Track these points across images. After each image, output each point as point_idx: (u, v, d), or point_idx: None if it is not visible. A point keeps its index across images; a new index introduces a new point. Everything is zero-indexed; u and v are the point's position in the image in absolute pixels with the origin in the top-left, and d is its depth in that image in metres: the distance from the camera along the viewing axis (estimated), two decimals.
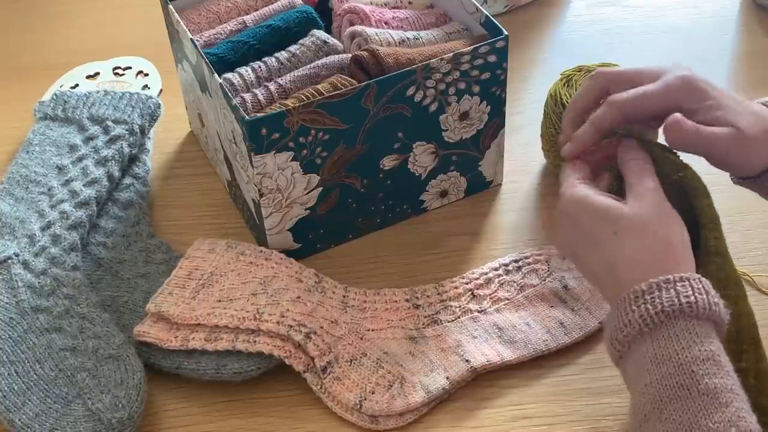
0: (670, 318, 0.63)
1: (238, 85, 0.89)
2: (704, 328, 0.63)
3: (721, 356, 0.62)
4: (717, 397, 0.60)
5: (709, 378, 0.60)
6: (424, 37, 0.95)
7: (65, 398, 0.78)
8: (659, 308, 0.63)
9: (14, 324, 0.83)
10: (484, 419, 0.79)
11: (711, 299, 0.64)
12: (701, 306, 0.63)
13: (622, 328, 0.64)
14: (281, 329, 0.81)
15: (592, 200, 0.69)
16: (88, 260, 0.92)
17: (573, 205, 0.70)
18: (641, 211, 0.67)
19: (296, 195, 0.89)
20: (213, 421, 0.80)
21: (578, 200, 0.70)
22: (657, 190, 0.69)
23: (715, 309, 0.64)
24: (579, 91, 0.77)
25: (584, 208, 0.69)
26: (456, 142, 0.94)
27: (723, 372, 0.61)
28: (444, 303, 0.86)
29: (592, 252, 0.69)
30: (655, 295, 0.64)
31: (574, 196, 0.70)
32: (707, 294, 0.64)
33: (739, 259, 0.90)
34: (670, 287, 0.64)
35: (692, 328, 0.63)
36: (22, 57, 1.21)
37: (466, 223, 0.96)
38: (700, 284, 0.64)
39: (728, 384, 0.61)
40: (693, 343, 0.62)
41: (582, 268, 0.72)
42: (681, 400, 0.60)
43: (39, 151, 1.00)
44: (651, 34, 1.20)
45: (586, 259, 0.70)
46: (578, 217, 0.69)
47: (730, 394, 0.60)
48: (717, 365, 0.61)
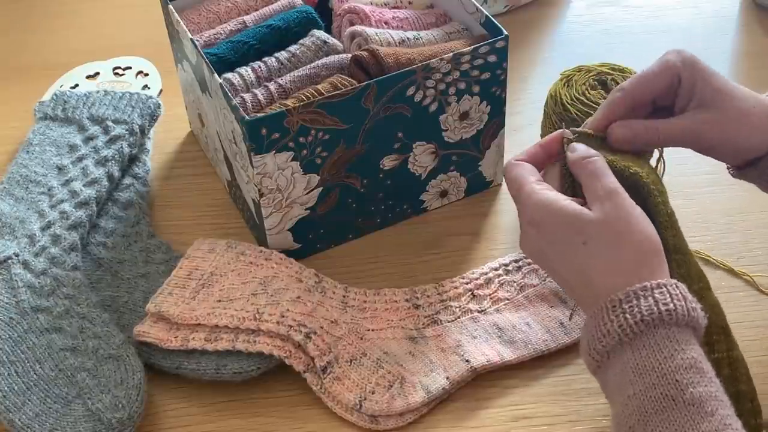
0: (650, 327, 0.62)
1: (238, 85, 0.89)
2: (684, 334, 0.62)
3: (702, 362, 0.61)
4: (702, 407, 0.59)
5: (694, 387, 0.60)
6: (424, 37, 0.95)
7: (65, 398, 0.78)
8: (638, 317, 0.62)
9: (14, 324, 0.83)
10: (484, 419, 0.79)
11: (689, 305, 0.63)
12: (680, 313, 0.62)
13: (600, 339, 0.63)
14: (281, 329, 0.81)
15: (558, 207, 0.67)
16: (88, 260, 0.92)
17: (538, 212, 0.68)
18: (608, 216, 0.65)
19: (296, 195, 0.89)
20: (213, 421, 0.80)
21: (544, 206, 0.67)
22: (619, 191, 0.67)
23: (694, 315, 0.63)
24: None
25: (552, 214, 0.67)
26: (456, 142, 0.94)
27: (706, 379, 0.61)
28: (444, 303, 0.86)
29: (562, 260, 0.67)
30: (633, 303, 0.62)
31: (539, 202, 0.68)
32: (685, 300, 0.63)
33: (739, 259, 0.90)
34: (648, 295, 0.63)
35: (673, 336, 0.62)
36: (22, 57, 1.21)
37: (466, 223, 0.96)
38: (678, 290, 0.63)
39: (712, 392, 0.60)
40: (675, 351, 0.61)
41: (552, 275, 0.70)
42: (666, 411, 0.59)
43: (39, 151, 1.00)
44: (651, 34, 1.20)
45: (556, 266, 0.68)
46: (544, 224, 0.67)
47: (714, 402, 0.60)
48: (700, 373, 0.61)
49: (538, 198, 0.68)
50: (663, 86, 0.73)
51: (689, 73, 0.72)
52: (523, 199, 0.69)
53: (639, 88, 0.73)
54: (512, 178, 0.71)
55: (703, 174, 0.92)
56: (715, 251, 0.90)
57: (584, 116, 0.89)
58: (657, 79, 0.73)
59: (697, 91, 0.72)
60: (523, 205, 0.69)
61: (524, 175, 0.70)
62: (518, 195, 0.70)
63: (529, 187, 0.69)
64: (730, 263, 0.89)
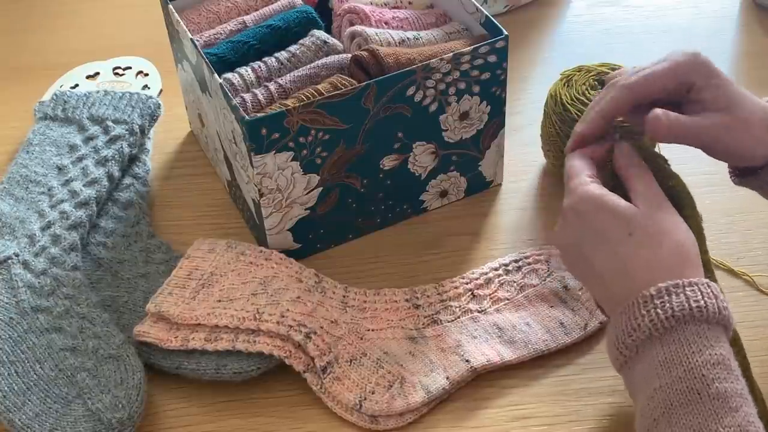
0: (681, 322, 0.63)
1: (238, 85, 0.89)
2: (714, 332, 0.63)
3: (730, 360, 0.62)
4: (727, 402, 0.60)
5: (720, 382, 0.60)
6: (424, 37, 0.95)
7: (65, 398, 0.78)
8: (669, 313, 0.63)
9: (14, 324, 0.83)
10: (484, 419, 0.79)
11: (720, 303, 0.64)
12: (711, 310, 0.63)
13: (630, 333, 0.64)
14: (281, 329, 0.81)
15: (607, 200, 0.68)
16: (88, 260, 0.92)
17: (586, 203, 0.69)
18: (655, 214, 0.67)
19: (296, 195, 0.89)
20: (213, 421, 0.80)
21: (593, 198, 0.69)
22: (664, 197, 0.69)
23: (725, 313, 0.64)
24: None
25: (599, 207, 0.68)
26: (456, 142, 0.94)
27: (733, 376, 0.61)
28: (444, 303, 0.86)
29: (602, 251, 0.68)
30: (665, 299, 0.63)
31: (588, 193, 0.69)
32: (716, 298, 0.64)
33: (739, 259, 0.90)
34: (680, 292, 0.64)
35: (702, 333, 0.63)
36: (22, 57, 1.21)
37: (466, 223, 0.96)
38: (709, 289, 0.64)
39: (738, 388, 0.61)
40: (703, 347, 0.62)
41: (583, 267, 0.70)
42: (691, 404, 0.60)
43: (39, 151, 1.00)
44: (651, 34, 1.20)
45: (591, 257, 0.69)
46: (590, 214, 0.68)
47: (739, 399, 0.60)
48: (727, 369, 0.61)
49: (587, 189, 0.69)
50: (667, 86, 0.72)
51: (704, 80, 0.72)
52: (573, 188, 0.70)
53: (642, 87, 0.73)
54: (570, 166, 0.72)
55: (703, 174, 0.92)
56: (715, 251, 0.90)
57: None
58: (664, 80, 0.72)
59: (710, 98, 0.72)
60: (572, 193, 0.70)
61: (580, 166, 0.72)
62: (569, 182, 0.71)
63: (581, 178, 0.70)
64: (729, 263, 0.89)
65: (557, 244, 0.73)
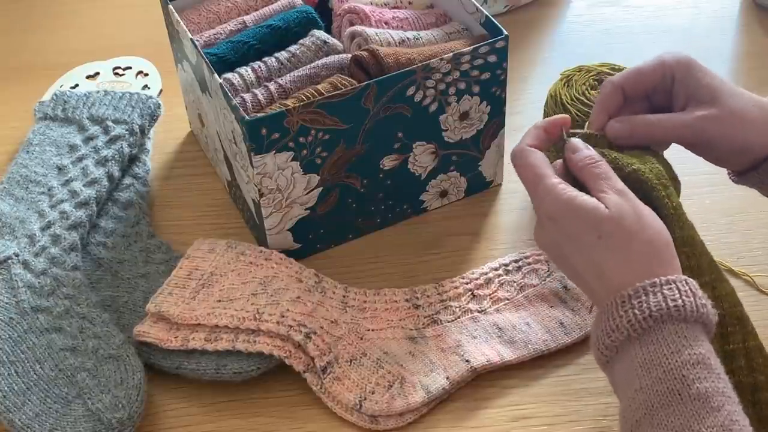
0: (658, 322, 0.62)
1: (238, 85, 0.89)
2: (693, 330, 0.62)
3: (711, 359, 0.62)
4: (709, 402, 0.59)
5: (700, 382, 0.60)
6: (424, 37, 0.95)
7: (65, 398, 0.78)
8: (647, 313, 0.62)
9: (14, 324, 0.83)
10: (484, 419, 0.79)
11: (698, 301, 0.63)
12: (689, 309, 0.62)
13: (609, 333, 0.64)
14: (281, 329, 0.81)
15: (576, 203, 0.67)
16: (88, 260, 0.92)
17: (557, 207, 0.68)
18: (622, 213, 0.66)
19: (296, 195, 0.89)
20: (213, 421, 0.80)
21: (562, 203, 0.67)
22: (625, 191, 0.68)
23: (703, 311, 0.63)
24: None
25: (568, 211, 0.67)
26: (456, 142, 0.94)
27: (714, 375, 0.61)
28: (444, 303, 0.86)
29: (578, 254, 0.67)
30: (642, 299, 0.63)
31: (558, 198, 0.68)
32: (694, 296, 0.63)
33: (739, 259, 0.90)
34: (657, 291, 0.63)
35: (681, 332, 0.62)
36: (22, 57, 1.21)
37: (466, 223, 0.96)
38: (687, 286, 0.63)
39: (719, 387, 0.60)
40: (682, 346, 0.61)
41: (566, 269, 0.70)
42: (672, 405, 0.60)
43: (39, 151, 1.00)
44: (651, 34, 1.20)
45: (570, 261, 0.69)
46: (562, 220, 0.68)
47: (721, 398, 0.60)
48: (707, 368, 0.61)
49: (557, 193, 0.68)
50: (655, 81, 0.73)
51: (684, 72, 0.73)
52: (541, 194, 0.69)
53: (630, 81, 0.74)
54: (527, 165, 0.71)
55: (703, 174, 0.92)
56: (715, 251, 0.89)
57: (584, 116, 0.89)
58: (648, 73, 0.73)
59: (692, 90, 0.73)
60: (541, 199, 0.69)
61: (541, 166, 0.70)
62: (536, 188, 0.70)
63: (549, 182, 0.69)
64: (729, 263, 0.89)
65: (539, 246, 0.73)
